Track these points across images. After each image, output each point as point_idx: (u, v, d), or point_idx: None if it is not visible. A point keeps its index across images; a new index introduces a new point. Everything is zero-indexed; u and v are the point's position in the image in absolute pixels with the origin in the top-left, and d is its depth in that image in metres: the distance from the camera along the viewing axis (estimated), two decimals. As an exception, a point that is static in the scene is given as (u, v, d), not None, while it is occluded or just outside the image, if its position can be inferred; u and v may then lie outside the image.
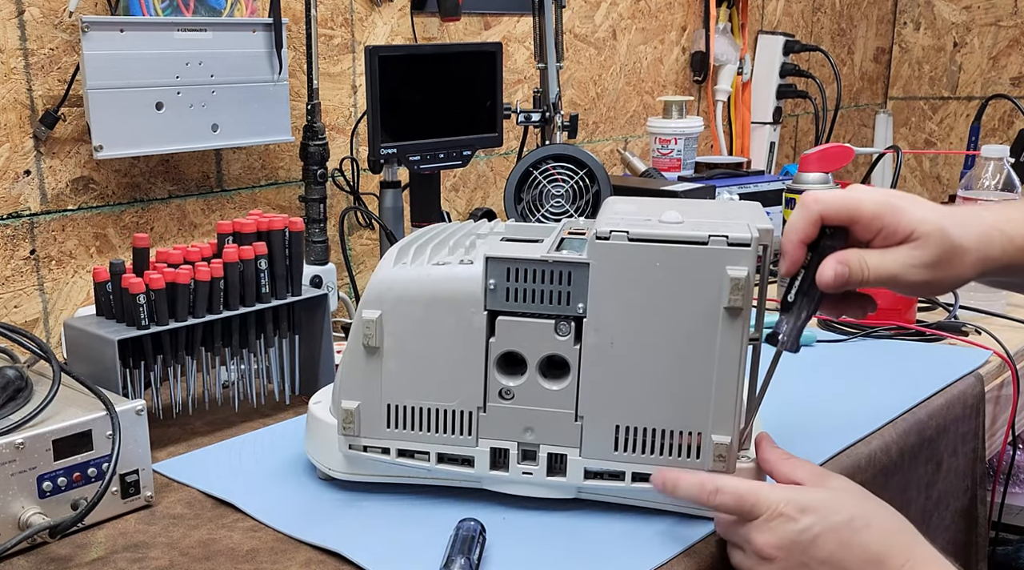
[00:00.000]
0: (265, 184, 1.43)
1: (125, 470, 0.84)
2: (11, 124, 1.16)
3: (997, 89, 2.82)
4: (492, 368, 0.81)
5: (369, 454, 0.84)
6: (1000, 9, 2.82)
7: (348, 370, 0.83)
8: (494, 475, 0.83)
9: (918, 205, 0.73)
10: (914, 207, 0.73)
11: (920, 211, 0.72)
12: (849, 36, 2.82)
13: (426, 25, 1.62)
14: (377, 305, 0.81)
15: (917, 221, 0.72)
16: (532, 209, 1.35)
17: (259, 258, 1.00)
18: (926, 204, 0.73)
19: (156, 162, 1.30)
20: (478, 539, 0.76)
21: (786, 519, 0.72)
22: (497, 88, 1.40)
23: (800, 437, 0.97)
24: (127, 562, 0.77)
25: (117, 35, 1.16)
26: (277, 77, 1.32)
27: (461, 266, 0.80)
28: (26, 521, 0.77)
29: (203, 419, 1.06)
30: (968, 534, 1.19)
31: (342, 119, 1.52)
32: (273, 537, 0.81)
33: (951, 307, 1.38)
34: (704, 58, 2.22)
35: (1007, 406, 1.25)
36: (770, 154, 2.32)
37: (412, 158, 1.33)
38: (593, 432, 0.80)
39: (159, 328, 0.94)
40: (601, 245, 0.76)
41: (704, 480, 0.76)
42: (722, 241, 0.74)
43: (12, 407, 0.80)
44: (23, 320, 1.20)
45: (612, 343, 0.78)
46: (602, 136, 2.05)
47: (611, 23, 2.01)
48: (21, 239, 1.19)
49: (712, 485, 0.75)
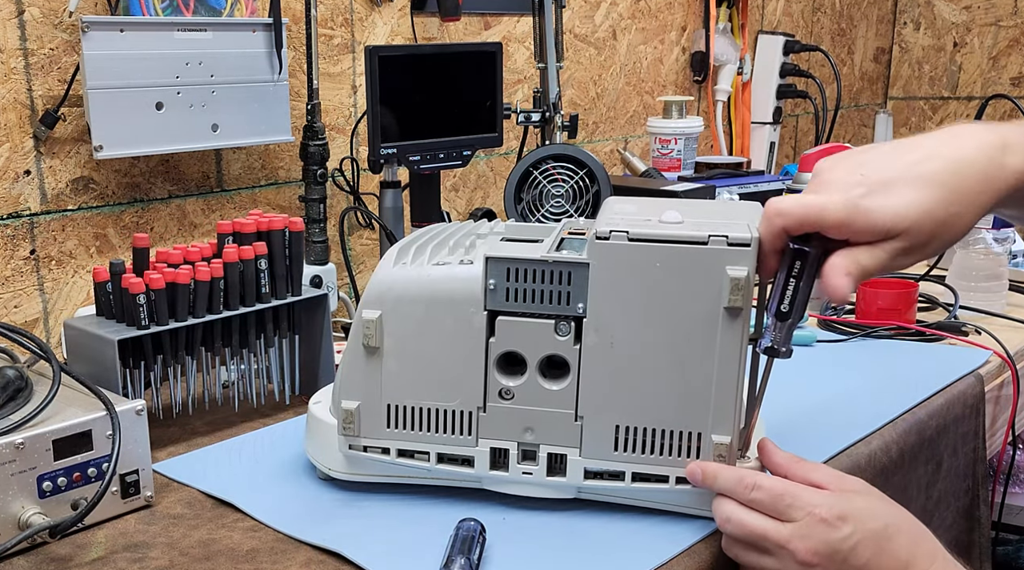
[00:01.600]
0: (265, 184, 1.43)
1: (125, 470, 0.84)
2: (11, 124, 1.16)
3: (997, 89, 2.82)
4: (492, 368, 0.81)
5: (369, 454, 0.84)
6: (1000, 9, 2.82)
7: (348, 370, 0.83)
8: (494, 475, 0.83)
9: (889, 195, 0.68)
10: (884, 202, 0.68)
11: (891, 206, 0.68)
12: (849, 36, 2.82)
13: (426, 25, 1.62)
14: (377, 305, 0.81)
15: (891, 223, 0.68)
16: (532, 209, 1.35)
17: (259, 258, 1.00)
18: (900, 187, 0.68)
19: (156, 162, 1.30)
20: (478, 539, 0.76)
21: (828, 526, 0.71)
22: (497, 88, 1.40)
23: (800, 437, 0.97)
24: (127, 562, 0.77)
25: (117, 35, 1.16)
26: (277, 77, 1.32)
27: (461, 266, 0.80)
28: (26, 521, 0.77)
29: (203, 419, 1.06)
30: (970, 534, 1.19)
31: (342, 119, 1.52)
32: (273, 537, 0.81)
33: (951, 307, 1.38)
34: (704, 58, 2.22)
35: (1007, 406, 1.25)
36: (770, 154, 2.32)
37: (412, 158, 1.33)
38: (593, 432, 0.80)
39: (159, 328, 0.94)
40: (601, 245, 0.76)
41: (744, 475, 0.75)
42: (722, 241, 0.74)
43: (12, 407, 0.80)
44: (23, 320, 1.20)
45: (612, 343, 0.78)
46: (602, 136, 2.05)
47: (611, 23, 2.01)
48: (21, 239, 1.19)
49: (751, 480, 0.74)
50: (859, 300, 1.35)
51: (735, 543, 0.76)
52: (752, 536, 0.74)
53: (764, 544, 0.74)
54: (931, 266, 1.57)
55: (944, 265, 1.53)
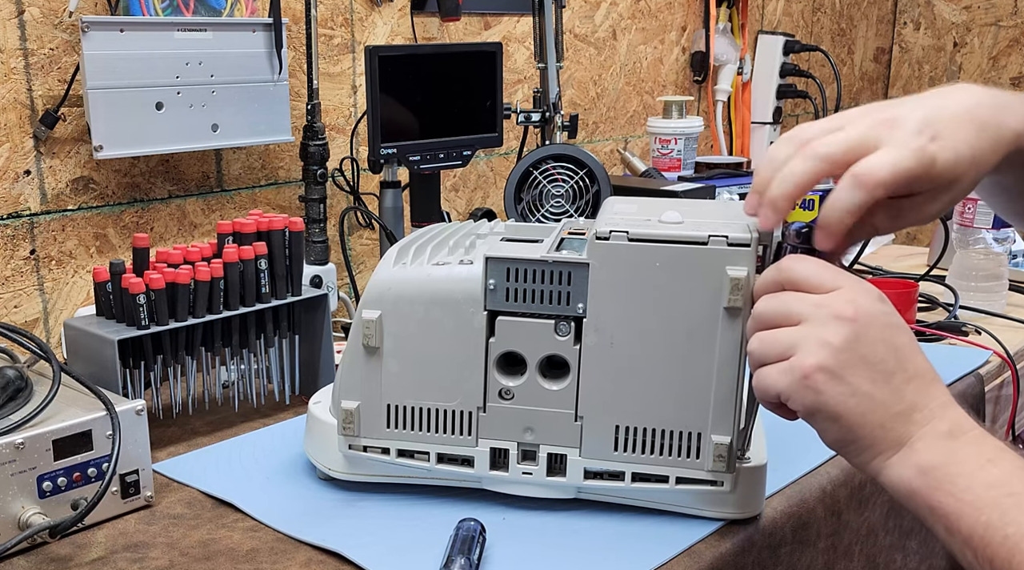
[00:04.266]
0: (265, 184, 1.43)
1: (125, 470, 0.84)
2: (11, 124, 1.16)
3: (997, 89, 2.82)
4: (492, 368, 0.81)
5: (369, 454, 0.84)
6: (1000, 9, 2.82)
7: (348, 370, 0.83)
8: (494, 475, 0.83)
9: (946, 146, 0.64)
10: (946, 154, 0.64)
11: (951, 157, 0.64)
12: (849, 36, 2.82)
13: (426, 25, 1.62)
14: (377, 305, 0.81)
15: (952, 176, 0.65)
16: (532, 209, 1.35)
17: (259, 258, 1.00)
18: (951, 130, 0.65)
19: (156, 162, 1.30)
20: (478, 539, 0.76)
21: (869, 293, 0.66)
22: (497, 88, 1.40)
23: (800, 437, 0.96)
24: (127, 562, 0.77)
25: (117, 35, 1.16)
26: (277, 77, 1.32)
27: (461, 266, 0.80)
28: (26, 521, 0.77)
29: (203, 419, 1.06)
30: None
31: (342, 119, 1.52)
32: (273, 537, 0.81)
33: (951, 307, 1.38)
34: (704, 58, 2.22)
35: (1007, 406, 1.25)
36: (770, 154, 2.32)
37: (412, 158, 1.33)
38: (593, 432, 0.80)
39: (159, 328, 0.94)
40: (601, 245, 0.76)
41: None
42: (722, 241, 0.74)
43: (12, 407, 0.80)
44: (23, 320, 1.20)
45: (612, 343, 0.78)
46: (602, 136, 2.05)
47: (611, 23, 2.01)
48: (21, 239, 1.19)
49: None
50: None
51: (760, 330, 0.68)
52: (783, 304, 0.67)
53: (798, 307, 0.66)
54: (931, 266, 1.57)
55: (944, 265, 1.53)
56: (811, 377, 0.64)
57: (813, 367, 0.64)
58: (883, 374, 0.64)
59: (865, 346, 0.64)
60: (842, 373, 0.64)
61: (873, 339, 0.64)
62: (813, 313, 0.65)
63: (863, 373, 0.64)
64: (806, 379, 0.64)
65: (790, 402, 0.66)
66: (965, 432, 0.63)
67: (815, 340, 0.64)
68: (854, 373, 0.64)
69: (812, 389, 0.64)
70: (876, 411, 0.64)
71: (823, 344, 0.64)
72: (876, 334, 0.64)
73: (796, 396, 0.65)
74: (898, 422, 0.64)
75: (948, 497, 0.61)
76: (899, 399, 0.64)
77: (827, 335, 0.64)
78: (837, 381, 0.64)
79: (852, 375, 0.64)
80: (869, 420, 0.64)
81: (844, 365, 0.64)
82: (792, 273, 0.68)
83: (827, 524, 0.92)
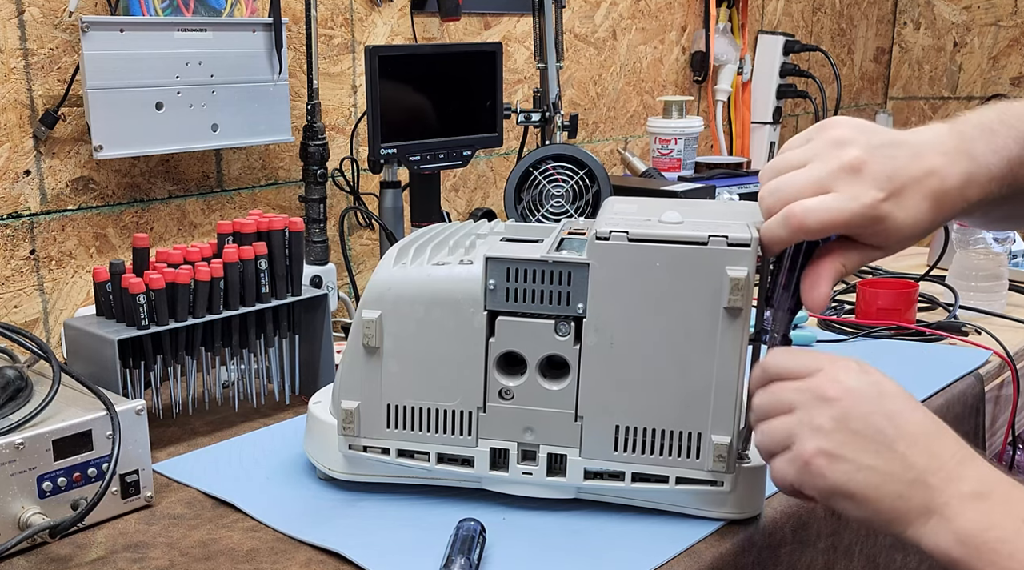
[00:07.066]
0: (265, 184, 1.43)
1: (125, 470, 0.84)
2: (11, 124, 1.16)
3: (997, 89, 2.82)
4: (492, 368, 0.81)
5: (369, 454, 0.84)
6: (1000, 9, 2.82)
7: (348, 370, 0.83)
8: (494, 475, 0.83)
9: (903, 206, 0.66)
10: (899, 213, 0.67)
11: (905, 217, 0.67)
12: (849, 36, 2.82)
13: (426, 25, 1.62)
14: (377, 305, 0.81)
15: (904, 235, 0.68)
16: (532, 209, 1.35)
17: (259, 258, 1.00)
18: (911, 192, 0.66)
19: (156, 162, 1.30)
20: (478, 539, 0.76)
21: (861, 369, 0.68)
22: (497, 88, 1.40)
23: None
24: (127, 562, 0.77)
25: (117, 35, 1.16)
26: (277, 77, 1.32)
27: (461, 266, 0.80)
28: (26, 521, 0.77)
29: (203, 419, 1.06)
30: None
31: (342, 119, 1.52)
32: (273, 537, 0.81)
33: (951, 307, 1.38)
34: (704, 58, 2.22)
35: (1007, 406, 1.25)
36: (770, 154, 2.32)
37: (412, 158, 1.33)
38: (593, 432, 0.80)
39: (159, 328, 0.94)
40: (601, 245, 0.76)
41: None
42: (722, 241, 0.74)
43: (12, 407, 0.80)
44: (23, 320, 1.20)
45: (612, 343, 0.78)
46: (602, 136, 2.05)
47: (611, 23, 2.01)
48: (21, 239, 1.19)
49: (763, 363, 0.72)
50: (859, 300, 1.35)
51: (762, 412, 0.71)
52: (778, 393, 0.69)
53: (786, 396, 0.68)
54: (931, 266, 1.57)
55: (944, 265, 1.53)
56: (812, 463, 0.65)
57: (812, 453, 0.65)
58: (883, 444, 0.64)
59: (856, 421, 0.65)
60: (840, 452, 0.65)
61: (863, 412, 0.65)
62: (800, 399, 0.67)
63: (861, 447, 0.64)
64: (808, 466, 0.65)
65: (803, 489, 0.67)
66: (992, 489, 0.62)
67: (807, 426, 0.66)
68: (852, 450, 0.64)
69: (817, 474, 0.65)
70: (888, 482, 0.64)
71: (815, 429, 0.65)
72: (866, 407, 0.65)
73: (806, 483, 0.66)
74: (916, 489, 0.63)
75: (992, 567, 0.60)
76: (908, 466, 0.63)
77: (817, 419, 0.66)
78: (838, 461, 0.65)
79: (851, 452, 0.64)
80: (885, 492, 0.64)
81: (840, 444, 0.65)
82: (774, 366, 0.70)
83: (827, 524, 0.92)
